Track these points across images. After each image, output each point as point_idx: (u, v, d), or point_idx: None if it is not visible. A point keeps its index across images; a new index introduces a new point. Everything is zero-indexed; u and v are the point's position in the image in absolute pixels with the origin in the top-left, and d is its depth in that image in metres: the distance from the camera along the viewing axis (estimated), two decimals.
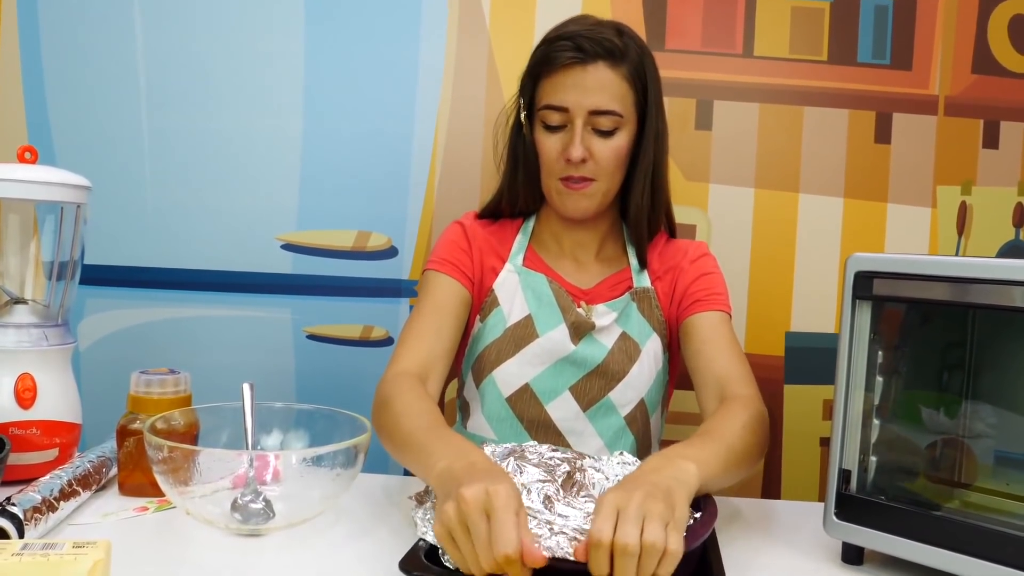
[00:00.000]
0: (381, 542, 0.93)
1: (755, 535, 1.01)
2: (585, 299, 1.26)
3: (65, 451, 1.11)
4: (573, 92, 1.16)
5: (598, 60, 1.15)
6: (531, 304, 1.24)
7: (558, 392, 1.22)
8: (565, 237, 1.30)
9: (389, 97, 1.59)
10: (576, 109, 1.16)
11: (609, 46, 1.15)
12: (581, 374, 1.22)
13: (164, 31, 1.58)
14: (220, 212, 1.60)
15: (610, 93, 1.16)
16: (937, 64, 1.59)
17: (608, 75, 1.16)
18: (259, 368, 1.61)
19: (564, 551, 0.78)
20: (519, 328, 1.23)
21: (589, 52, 1.15)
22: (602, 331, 1.23)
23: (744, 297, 1.61)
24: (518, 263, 1.28)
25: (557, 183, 1.21)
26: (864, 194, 1.61)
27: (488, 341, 1.24)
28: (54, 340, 1.12)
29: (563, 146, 1.18)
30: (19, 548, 0.66)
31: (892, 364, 0.95)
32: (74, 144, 1.59)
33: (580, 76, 1.16)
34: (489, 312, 1.26)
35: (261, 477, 0.97)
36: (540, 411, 1.22)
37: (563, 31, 1.17)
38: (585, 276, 1.29)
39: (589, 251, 1.30)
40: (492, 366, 1.22)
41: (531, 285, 1.26)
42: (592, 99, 1.16)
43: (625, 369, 1.21)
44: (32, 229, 1.17)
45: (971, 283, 0.84)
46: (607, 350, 1.22)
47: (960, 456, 0.99)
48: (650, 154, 1.22)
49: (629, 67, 1.17)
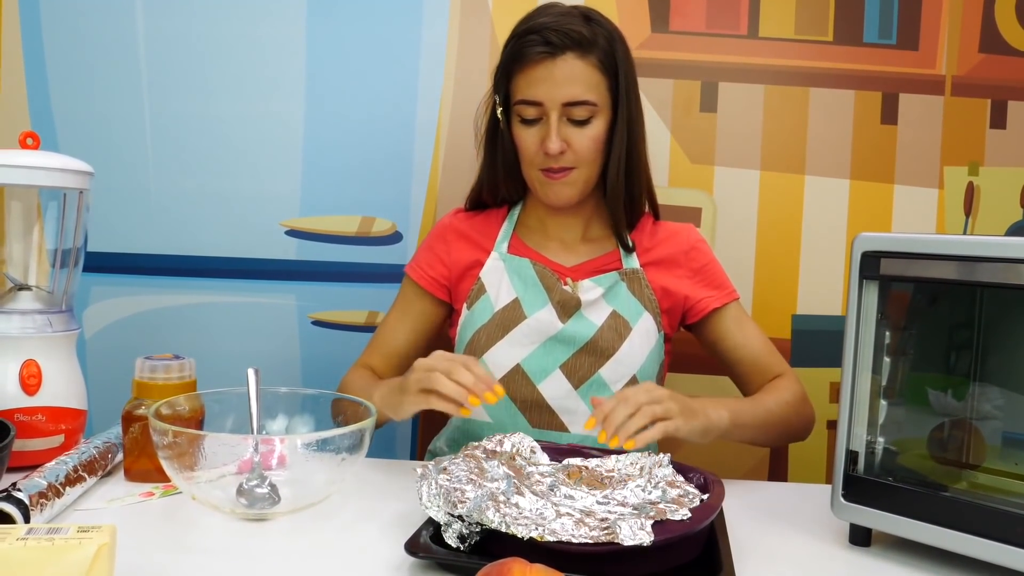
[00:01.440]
0: (387, 526, 0.93)
1: (762, 517, 1.01)
2: (571, 276, 1.28)
3: (71, 437, 1.11)
4: (545, 86, 1.17)
5: (567, 52, 1.16)
6: (517, 288, 1.26)
7: (549, 371, 1.23)
8: (550, 222, 1.32)
9: (391, 81, 1.59)
10: (549, 103, 1.17)
11: (577, 36, 1.16)
12: (571, 352, 1.23)
13: (165, 17, 1.58)
14: (223, 198, 1.60)
15: (582, 83, 1.17)
16: (944, 44, 1.58)
17: (578, 65, 1.17)
18: (264, 354, 1.61)
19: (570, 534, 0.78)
20: (507, 311, 1.25)
21: (557, 44, 1.15)
22: (591, 308, 1.24)
23: (750, 280, 1.61)
24: (503, 251, 1.30)
25: (538, 173, 1.23)
26: (871, 175, 1.60)
27: (477, 326, 1.26)
28: (58, 326, 1.12)
29: (540, 139, 1.20)
30: (24, 533, 0.65)
31: (899, 345, 0.95)
32: (76, 131, 1.58)
33: (550, 69, 1.16)
34: (476, 299, 1.28)
35: (267, 462, 0.97)
36: (532, 390, 1.23)
37: (531, 24, 1.18)
38: (571, 256, 1.31)
39: (575, 234, 1.32)
40: (483, 350, 1.24)
41: (516, 270, 1.28)
42: (564, 91, 1.17)
43: (615, 346, 1.23)
44: (35, 215, 1.17)
45: (978, 262, 0.83)
46: (596, 327, 1.23)
47: (968, 437, 0.98)
48: (623, 138, 1.22)
49: (599, 54, 1.18)
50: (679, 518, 0.82)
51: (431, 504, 0.84)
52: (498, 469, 0.92)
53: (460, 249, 1.32)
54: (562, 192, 1.23)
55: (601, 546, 0.76)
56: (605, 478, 0.96)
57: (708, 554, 0.85)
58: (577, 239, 1.31)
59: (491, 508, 0.81)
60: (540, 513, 0.83)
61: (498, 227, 1.33)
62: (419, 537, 0.83)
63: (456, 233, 1.33)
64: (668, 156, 1.59)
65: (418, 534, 0.84)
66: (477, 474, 0.90)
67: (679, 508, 0.84)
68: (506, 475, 0.90)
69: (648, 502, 0.89)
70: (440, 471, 0.90)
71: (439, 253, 1.33)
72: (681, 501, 0.87)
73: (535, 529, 0.78)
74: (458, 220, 1.35)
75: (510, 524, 0.78)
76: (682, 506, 0.85)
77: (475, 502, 0.82)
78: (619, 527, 0.77)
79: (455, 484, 0.86)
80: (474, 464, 0.93)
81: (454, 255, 1.32)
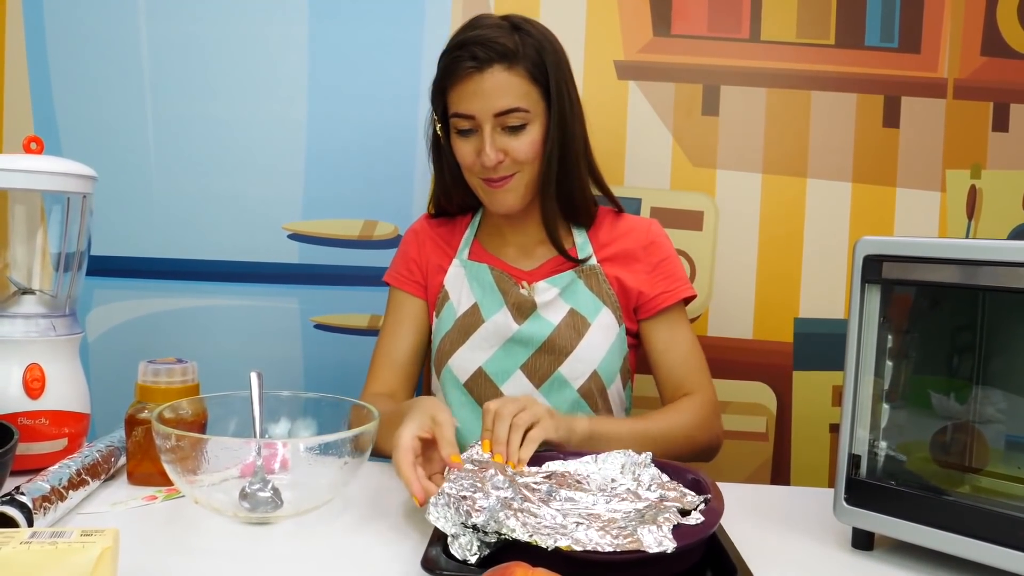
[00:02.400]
0: (389, 530, 0.93)
1: (765, 521, 1.01)
2: (527, 279, 1.30)
3: (74, 441, 1.11)
4: (475, 99, 1.19)
5: (493, 64, 1.18)
6: (476, 293, 1.30)
7: (510, 372, 1.27)
8: (506, 228, 1.34)
9: (394, 84, 1.59)
10: (481, 115, 1.20)
11: (501, 49, 1.17)
12: (530, 352, 1.26)
13: (167, 21, 1.58)
14: (226, 202, 1.60)
15: (511, 93, 1.19)
16: (946, 47, 1.58)
17: (505, 77, 1.18)
18: (267, 357, 1.61)
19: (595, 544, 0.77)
20: (466, 317, 1.29)
21: (483, 59, 1.17)
22: (548, 308, 1.27)
23: (752, 283, 1.61)
24: (464, 257, 1.34)
25: (480, 182, 1.26)
26: (873, 178, 1.60)
27: (442, 334, 1.30)
28: (62, 330, 1.12)
29: (477, 150, 1.22)
30: (27, 536, 0.66)
31: (902, 348, 0.95)
32: (80, 135, 1.59)
33: (479, 83, 1.18)
34: (442, 307, 1.32)
35: (269, 465, 0.97)
36: (496, 392, 1.26)
37: (460, 39, 1.20)
38: (529, 260, 1.33)
39: (532, 237, 1.33)
40: (447, 356, 1.28)
41: (475, 275, 1.31)
42: (494, 103, 1.19)
43: (572, 344, 1.25)
44: (39, 220, 1.17)
45: (981, 265, 0.83)
46: (552, 326, 1.26)
47: (970, 441, 0.98)
48: (555, 139, 1.23)
49: (526, 64, 1.19)
50: (693, 522, 0.82)
51: (439, 515, 0.83)
52: (498, 477, 0.91)
53: (429, 250, 1.36)
54: (505, 199, 1.25)
55: (628, 554, 0.76)
56: (587, 479, 0.96)
57: (712, 556, 0.84)
58: (534, 242, 1.33)
59: (511, 517, 0.80)
60: (559, 522, 0.82)
61: (462, 234, 1.36)
62: (432, 552, 0.81)
63: (425, 235, 1.38)
64: (670, 159, 1.60)
65: (431, 549, 0.82)
66: (480, 482, 0.89)
67: (689, 511, 0.84)
68: (508, 483, 0.90)
69: (652, 503, 0.88)
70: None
71: (412, 255, 1.37)
72: (690, 503, 0.87)
73: (560, 539, 0.77)
74: (427, 225, 1.39)
75: (533, 533, 0.78)
76: (692, 508, 0.85)
77: (490, 511, 0.81)
78: (642, 535, 0.77)
79: (463, 492, 0.85)
80: (473, 473, 0.92)
81: (424, 255, 1.36)
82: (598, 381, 1.26)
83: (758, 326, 1.61)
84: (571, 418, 1.10)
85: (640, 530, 0.78)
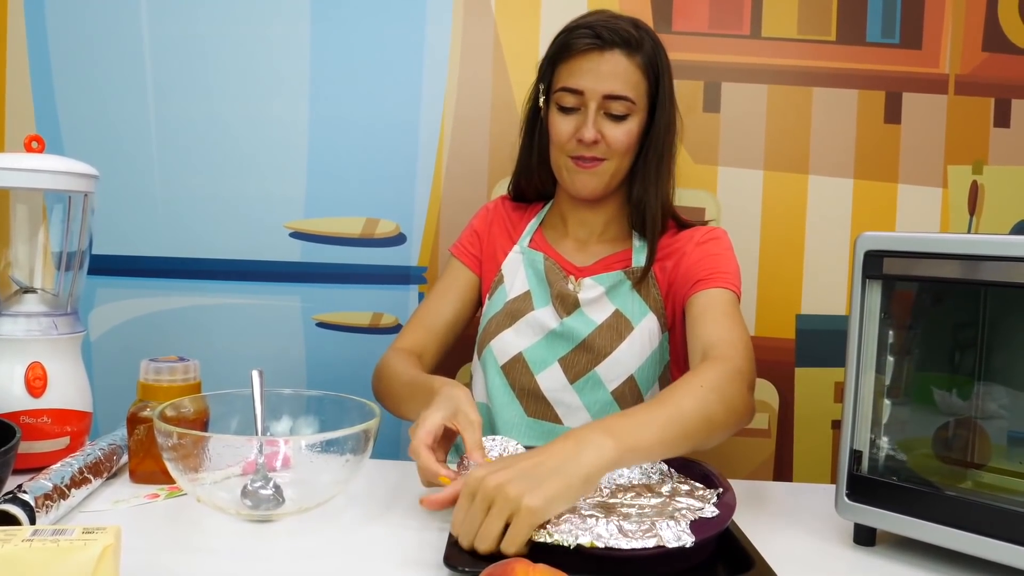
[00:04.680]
0: (391, 527, 0.93)
1: (767, 517, 1.01)
2: (577, 275, 1.30)
3: (76, 439, 1.11)
4: (589, 77, 1.20)
5: (615, 48, 1.20)
6: (531, 281, 1.31)
7: (548, 363, 1.27)
8: (571, 217, 1.35)
9: (395, 83, 1.59)
10: (591, 93, 1.20)
11: (626, 36, 1.20)
12: (570, 347, 1.26)
13: (170, 20, 1.58)
14: (228, 200, 1.60)
15: (624, 80, 1.20)
16: (947, 42, 1.57)
17: (624, 63, 1.20)
18: (269, 356, 1.61)
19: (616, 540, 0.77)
20: (517, 302, 1.30)
21: (607, 40, 1.19)
22: (593, 306, 1.27)
23: (754, 280, 1.60)
24: (524, 244, 1.36)
25: (567, 160, 1.26)
26: (874, 175, 1.59)
27: (490, 315, 1.32)
28: (64, 329, 1.12)
29: (576, 127, 1.23)
30: (29, 534, 0.66)
31: (903, 344, 0.95)
32: (82, 134, 1.59)
33: (597, 62, 1.20)
34: (495, 290, 1.34)
35: (271, 463, 0.97)
36: (531, 379, 1.27)
37: (583, 21, 1.23)
38: (586, 256, 1.33)
39: (592, 232, 1.34)
40: (491, 336, 1.30)
41: (531, 263, 1.33)
42: (607, 84, 1.20)
43: (612, 345, 1.24)
44: (41, 218, 1.17)
45: (982, 260, 0.83)
46: (595, 325, 1.25)
47: (972, 436, 0.98)
48: (660, 144, 1.25)
49: (643, 57, 1.21)
50: (709, 515, 0.82)
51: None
52: None
53: (497, 231, 1.39)
54: (588, 182, 1.25)
55: (648, 551, 0.76)
56: None
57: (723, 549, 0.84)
58: (594, 238, 1.33)
59: None
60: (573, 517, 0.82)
61: (528, 221, 1.38)
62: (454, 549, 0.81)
63: (496, 215, 1.41)
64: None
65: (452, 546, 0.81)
66: None
67: (704, 505, 0.84)
68: None
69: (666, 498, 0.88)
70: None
71: (479, 230, 1.40)
72: (704, 497, 0.88)
73: (581, 536, 0.76)
74: (503, 206, 1.42)
75: (552, 532, 0.77)
76: (705, 502, 0.85)
77: None
78: (661, 529, 0.77)
79: None
80: None
81: (491, 235, 1.39)
82: (633, 386, 1.25)
83: (760, 323, 1.61)
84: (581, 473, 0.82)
85: (659, 524, 0.78)
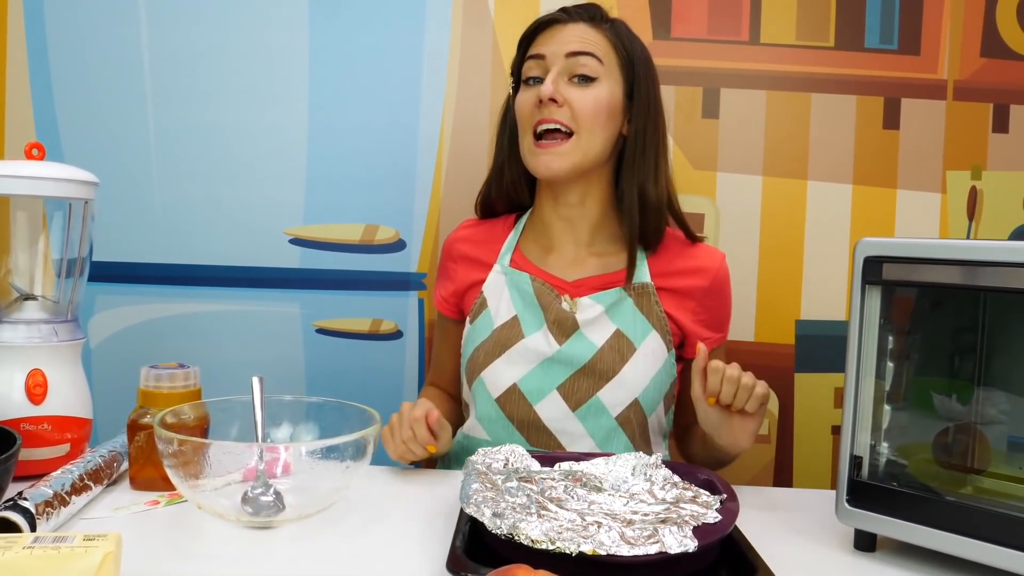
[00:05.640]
0: (392, 533, 0.93)
1: (767, 523, 1.01)
2: (571, 292, 1.23)
3: (77, 446, 1.11)
4: (552, 42, 1.20)
5: (579, 20, 1.20)
6: (517, 305, 1.24)
7: (546, 392, 1.20)
8: (554, 222, 1.27)
9: (394, 89, 1.59)
10: (552, 56, 1.19)
11: (592, 12, 1.21)
12: (568, 373, 1.19)
13: (169, 27, 1.58)
14: (227, 207, 1.60)
15: (588, 40, 1.18)
16: (945, 48, 1.58)
17: (587, 28, 1.20)
18: (269, 362, 1.61)
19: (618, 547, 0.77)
20: (505, 329, 1.22)
21: (572, 14, 1.21)
22: (592, 327, 1.20)
23: (753, 286, 1.61)
24: (505, 264, 1.28)
25: (530, 143, 1.20)
26: (873, 180, 1.60)
27: (477, 343, 1.24)
28: (64, 336, 1.12)
29: (538, 98, 1.18)
30: (30, 542, 0.66)
31: (903, 350, 0.95)
32: (81, 141, 1.59)
33: (560, 30, 1.20)
34: (478, 314, 1.26)
35: (271, 470, 0.97)
36: (529, 411, 1.20)
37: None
38: (576, 268, 1.26)
39: (580, 239, 1.26)
40: (481, 367, 1.22)
41: (516, 285, 1.25)
42: (570, 45, 1.18)
43: (615, 368, 1.18)
44: (41, 225, 1.17)
45: (981, 266, 0.83)
46: (596, 348, 1.19)
47: (972, 442, 0.98)
48: (643, 134, 1.21)
49: (611, 31, 1.20)
50: (712, 520, 0.82)
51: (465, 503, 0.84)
52: (511, 482, 0.90)
53: (465, 268, 1.31)
54: (552, 162, 1.17)
55: (651, 557, 0.75)
56: (600, 479, 0.96)
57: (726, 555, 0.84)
58: (583, 248, 1.26)
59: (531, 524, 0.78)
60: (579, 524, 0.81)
61: (503, 238, 1.31)
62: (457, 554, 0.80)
63: (459, 252, 1.33)
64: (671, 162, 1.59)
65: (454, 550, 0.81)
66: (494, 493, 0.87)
67: (706, 510, 0.85)
68: (520, 486, 0.89)
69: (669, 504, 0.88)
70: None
71: (449, 273, 1.34)
72: (707, 503, 0.88)
73: (583, 543, 0.76)
74: (463, 235, 1.34)
75: (556, 540, 0.77)
76: (708, 508, 0.85)
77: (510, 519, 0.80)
78: (664, 536, 0.77)
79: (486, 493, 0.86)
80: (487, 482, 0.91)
81: (460, 273, 1.32)
82: (638, 410, 1.19)
83: (760, 328, 1.61)
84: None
85: (661, 531, 0.78)
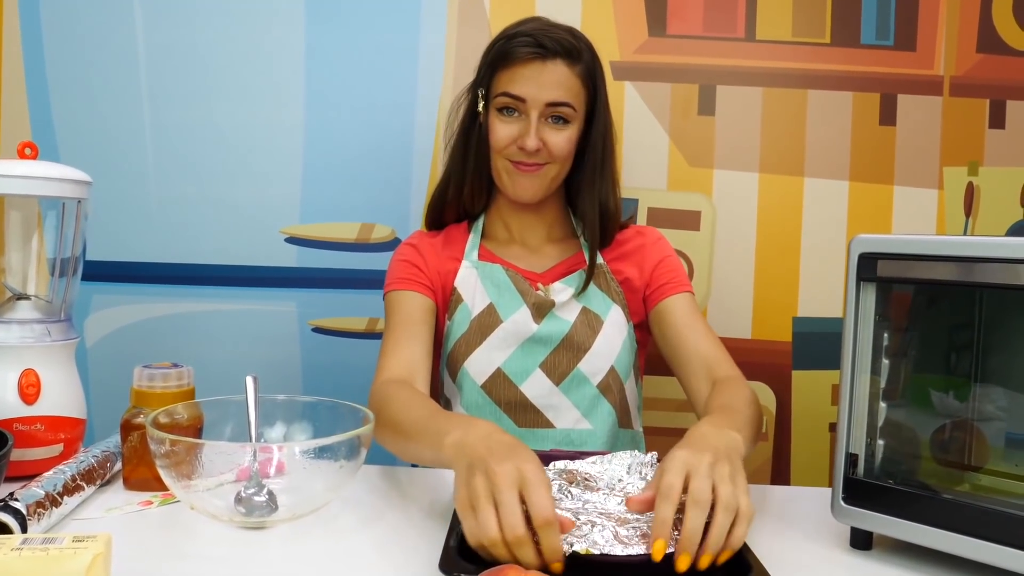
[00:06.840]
0: (385, 533, 0.93)
1: (764, 521, 1.01)
2: (541, 281, 1.31)
3: (70, 446, 1.11)
4: (532, 85, 1.22)
5: (557, 57, 1.23)
6: (491, 293, 1.29)
7: (529, 371, 1.26)
8: (514, 223, 1.36)
9: (390, 88, 1.59)
10: (533, 101, 1.23)
11: (568, 46, 1.22)
12: (548, 350, 1.26)
13: (164, 25, 1.58)
14: (223, 206, 1.60)
15: (566, 88, 1.23)
16: (942, 44, 1.58)
17: (566, 72, 1.23)
18: (265, 361, 1.61)
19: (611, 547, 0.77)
20: (483, 317, 1.27)
21: (549, 49, 1.22)
22: (563, 308, 1.28)
23: (750, 283, 1.60)
24: (474, 258, 1.33)
25: (507, 164, 1.27)
26: (870, 177, 1.59)
27: (457, 336, 1.28)
28: (57, 335, 1.12)
29: (518, 134, 1.24)
30: (19, 543, 0.65)
31: (899, 347, 0.94)
32: (77, 139, 1.59)
33: (539, 71, 1.22)
34: (455, 309, 1.30)
35: (265, 470, 0.97)
36: (515, 392, 1.26)
37: (522, 28, 1.24)
38: (539, 260, 1.34)
39: (539, 235, 1.36)
40: (463, 358, 1.26)
41: (489, 276, 1.31)
42: (549, 93, 1.22)
43: (589, 340, 1.26)
44: (34, 225, 1.17)
45: (977, 262, 0.82)
46: (569, 324, 1.27)
47: (970, 439, 0.97)
48: (599, 150, 1.29)
49: (583, 67, 1.25)
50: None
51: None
52: None
53: (433, 259, 1.32)
54: (530, 185, 1.27)
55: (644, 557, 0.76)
56: (595, 479, 0.96)
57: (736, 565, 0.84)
58: (542, 241, 1.36)
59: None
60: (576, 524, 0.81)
61: (463, 240, 1.35)
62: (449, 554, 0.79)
63: (424, 247, 1.33)
64: (667, 160, 1.59)
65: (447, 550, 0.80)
66: None
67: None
68: None
69: None
70: None
71: (417, 263, 1.31)
72: None
73: (576, 543, 0.76)
74: (423, 240, 1.35)
75: None
76: None
77: None
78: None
79: None
80: None
81: (431, 263, 1.31)
82: (615, 376, 1.27)
83: (757, 326, 1.61)
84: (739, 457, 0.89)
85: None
